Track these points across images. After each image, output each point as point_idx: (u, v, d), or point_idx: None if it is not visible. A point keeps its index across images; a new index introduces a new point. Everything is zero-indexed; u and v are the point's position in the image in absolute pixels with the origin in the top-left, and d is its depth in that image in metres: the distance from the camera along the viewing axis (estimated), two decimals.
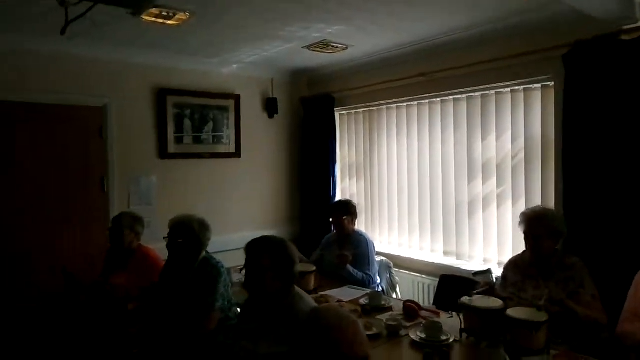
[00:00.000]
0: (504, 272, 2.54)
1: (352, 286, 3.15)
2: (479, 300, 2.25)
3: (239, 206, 4.47)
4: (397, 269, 3.75)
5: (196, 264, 2.55)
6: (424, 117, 3.86)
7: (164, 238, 2.57)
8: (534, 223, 2.30)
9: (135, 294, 2.80)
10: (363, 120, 4.46)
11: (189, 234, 2.50)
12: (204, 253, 2.60)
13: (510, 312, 2.06)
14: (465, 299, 2.27)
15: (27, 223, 3.44)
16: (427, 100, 3.80)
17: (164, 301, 2.58)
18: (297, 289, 2.02)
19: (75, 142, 3.63)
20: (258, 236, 2.03)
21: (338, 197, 4.59)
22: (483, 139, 3.46)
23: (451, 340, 2.17)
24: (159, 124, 4.01)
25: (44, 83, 3.45)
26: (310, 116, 4.78)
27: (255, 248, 1.93)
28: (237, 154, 4.49)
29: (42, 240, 3.49)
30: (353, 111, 4.54)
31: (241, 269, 2.00)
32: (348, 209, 3.35)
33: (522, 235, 3.22)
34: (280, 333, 1.86)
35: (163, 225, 3.06)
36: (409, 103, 3.95)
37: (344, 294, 2.97)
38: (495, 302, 2.22)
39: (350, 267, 3.18)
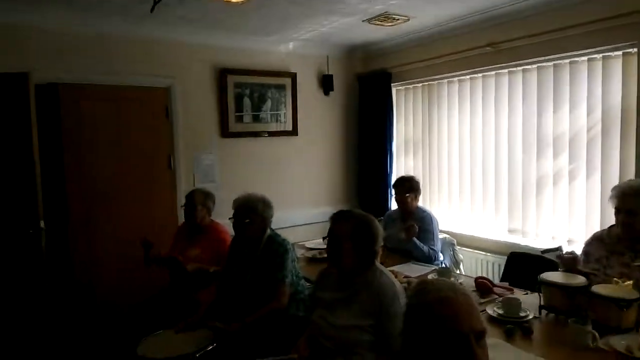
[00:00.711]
0: (585, 248, 2.45)
1: (417, 262, 3.15)
2: (560, 277, 2.20)
3: (296, 184, 4.52)
4: (459, 247, 3.70)
5: (262, 243, 2.60)
6: (489, 90, 3.72)
7: (230, 219, 2.63)
8: (629, 197, 2.18)
9: (207, 269, 2.91)
10: (422, 95, 4.36)
11: (253, 213, 2.55)
12: (268, 231, 2.64)
13: (596, 288, 1.99)
14: (546, 274, 2.21)
15: (99, 201, 3.63)
16: (493, 72, 3.66)
17: (234, 281, 2.66)
18: (377, 263, 2.03)
19: (143, 122, 3.77)
20: (341, 209, 2.06)
21: (395, 175, 4.55)
22: (554, 112, 3.31)
23: (530, 317, 2.13)
24: (221, 103, 4.10)
25: (114, 65, 3.59)
26: (366, 92, 4.73)
27: (340, 220, 1.95)
28: (293, 132, 4.52)
29: (115, 217, 3.68)
30: (411, 86, 4.44)
31: (324, 238, 2.03)
32: (412, 185, 3.31)
33: (596, 212, 3.15)
34: (362, 306, 1.89)
35: (226, 202, 3.14)
36: (473, 76, 3.82)
37: (410, 270, 2.96)
38: (576, 279, 2.16)
39: (416, 240, 3.16)
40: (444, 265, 3.35)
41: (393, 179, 4.53)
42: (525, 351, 1.83)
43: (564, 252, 2.40)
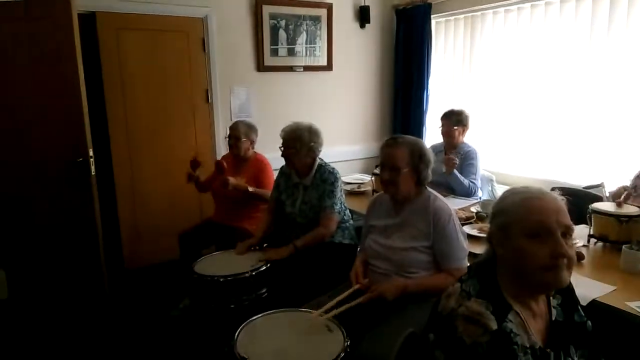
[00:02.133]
0: (634, 182, 2.43)
1: (457, 196, 3.17)
2: (611, 207, 2.20)
3: (330, 120, 4.47)
4: (498, 184, 3.68)
5: (312, 171, 2.64)
6: (538, 22, 3.54)
7: (280, 148, 2.65)
8: None
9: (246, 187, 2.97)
10: (463, 27, 4.18)
11: (299, 142, 2.56)
12: (318, 160, 2.67)
13: None
14: (597, 204, 2.22)
15: (140, 133, 3.68)
16: (542, 2, 3.46)
17: (284, 209, 2.72)
18: (429, 188, 2.05)
19: (180, 53, 3.73)
20: (392, 136, 2.05)
21: (431, 111, 4.48)
22: (606, 47, 3.14)
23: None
24: (256, 35, 4.01)
25: None
26: (404, 25, 4.55)
27: (395, 146, 1.95)
28: (328, 67, 4.44)
29: (155, 150, 3.75)
30: (452, 17, 4.26)
31: (376, 166, 2.04)
32: (460, 119, 3.27)
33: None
34: (417, 229, 1.94)
35: (261, 135, 3.24)
36: (520, 6, 3.62)
37: (451, 204, 2.97)
38: (628, 208, 2.16)
39: (457, 173, 3.17)
40: None
41: (429, 116, 4.52)
42: (580, 275, 1.87)
43: (606, 189, 2.39)
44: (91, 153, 3.06)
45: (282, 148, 2.61)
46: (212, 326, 2.61)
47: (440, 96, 4.50)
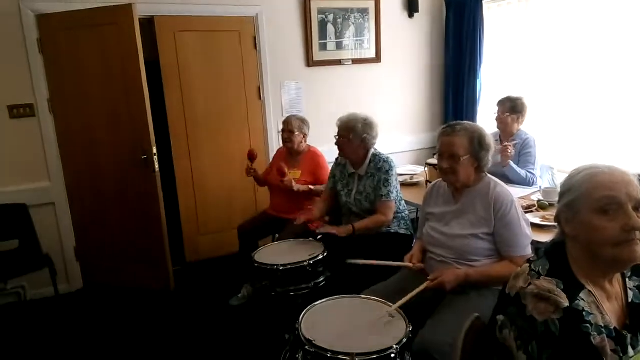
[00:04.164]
0: None
1: (514, 185, 3.07)
2: None
3: (380, 112, 4.41)
4: (560, 173, 3.53)
5: (367, 161, 2.65)
6: (598, 1, 3.35)
7: (335, 137, 2.69)
8: None
9: (306, 191, 3.05)
10: (518, 11, 4.02)
11: (353, 133, 2.58)
12: (372, 150, 2.68)
13: None
14: None
15: (197, 132, 3.83)
16: None
17: (338, 200, 2.75)
18: (489, 175, 2.01)
19: (234, 52, 3.84)
20: (450, 123, 2.02)
21: (483, 101, 4.36)
22: None
23: None
24: (305, 31, 4.06)
25: None
26: (454, 12, 4.46)
27: (454, 134, 1.92)
28: (377, 58, 4.42)
29: (212, 147, 3.89)
30: (505, 2, 4.11)
31: (434, 155, 2.02)
32: (515, 105, 3.16)
33: None
34: (477, 216, 1.91)
35: (312, 130, 3.28)
36: None
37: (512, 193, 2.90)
38: None
39: (513, 164, 3.07)
40: None
41: (482, 105, 4.40)
42: None
43: None
44: (155, 150, 3.24)
45: (337, 137, 2.65)
46: (272, 314, 2.70)
47: (493, 85, 4.36)
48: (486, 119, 4.09)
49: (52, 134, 3.34)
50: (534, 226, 2.21)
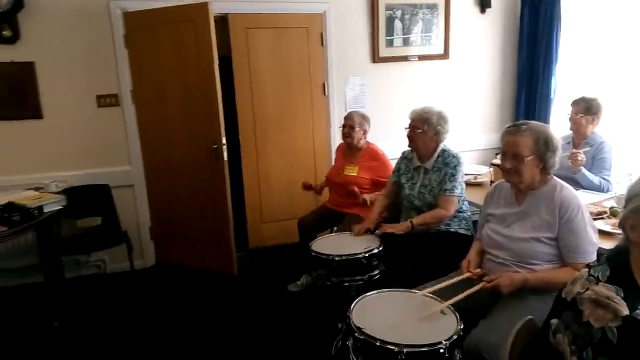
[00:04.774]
0: None
1: (587, 191, 2.91)
2: None
3: (446, 110, 4.35)
4: None
5: (435, 155, 2.64)
6: None
7: (405, 128, 2.69)
8: None
9: (367, 187, 3.08)
10: (599, 6, 3.77)
11: (427, 124, 2.57)
12: (442, 144, 2.66)
13: None
14: None
15: (264, 125, 3.99)
16: None
17: (403, 191, 2.76)
18: (555, 177, 1.94)
19: (301, 49, 3.95)
20: (515, 122, 1.98)
21: (557, 102, 4.15)
22: None
23: None
24: (372, 27, 4.08)
25: None
26: (530, 7, 4.26)
27: (518, 133, 1.87)
28: (444, 55, 4.34)
29: (277, 141, 4.04)
30: None
31: (497, 154, 1.99)
32: (589, 106, 2.99)
33: None
34: (540, 219, 1.85)
35: (374, 127, 3.30)
36: None
37: (581, 198, 2.75)
38: None
39: (585, 170, 2.91)
40: None
41: (555, 106, 4.19)
42: None
43: None
44: (224, 141, 3.42)
45: (409, 128, 2.65)
46: (327, 303, 2.78)
47: (569, 85, 4.13)
48: (560, 121, 3.88)
49: (133, 122, 3.64)
50: (603, 233, 2.11)
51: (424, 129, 2.56)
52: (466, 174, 3.51)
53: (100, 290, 3.50)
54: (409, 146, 2.69)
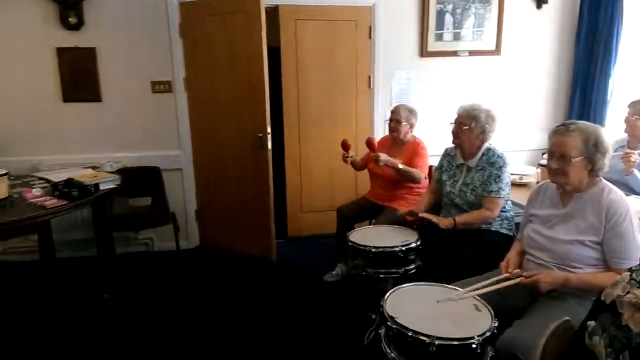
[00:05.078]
0: None
1: (639, 196, 2.78)
2: None
3: (495, 106, 4.23)
4: None
5: (480, 154, 2.59)
6: None
7: (450, 123, 2.66)
8: None
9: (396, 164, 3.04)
10: None
11: (475, 121, 2.52)
12: (487, 143, 2.61)
13: None
14: None
15: (308, 116, 4.04)
16: None
17: (444, 189, 2.74)
18: (603, 180, 1.88)
19: (349, 41, 3.97)
20: (564, 121, 1.92)
21: (614, 104, 3.97)
22: None
23: None
24: (422, 21, 4.03)
25: None
26: (590, 4, 4.07)
27: (566, 133, 1.82)
28: (496, 50, 4.23)
29: (320, 131, 4.08)
30: None
31: (543, 154, 1.94)
32: None
33: None
34: (585, 222, 1.80)
35: (420, 121, 3.26)
36: None
37: (632, 203, 2.63)
38: None
39: (637, 171, 2.78)
40: None
41: (612, 108, 4.00)
42: None
43: None
44: (269, 130, 3.51)
45: (454, 124, 2.61)
46: (361, 293, 2.82)
47: (627, 86, 3.93)
48: (616, 123, 3.71)
49: (184, 109, 3.80)
50: None
51: (471, 126, 2.52)
52: (512, 174, 3.42)
53: (147, 267, 3.69)
54: (453, 142, 2.65)
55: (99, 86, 3.64)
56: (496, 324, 1.58)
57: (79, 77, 3.60)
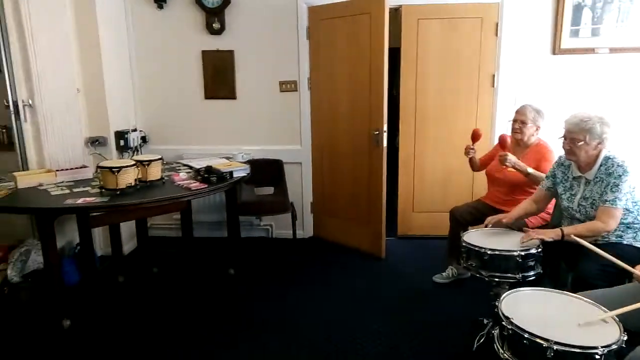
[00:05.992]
0: None
1: None
2: None
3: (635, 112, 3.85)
4: None
5: (596, 164, 2.39)
6: None
7: (560, 138, 2.49)
8: None
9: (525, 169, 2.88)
10: None
11: (590, 135, 2.31)
12: (605, 151, 2.39)
13: None
14: None
15: (425, 115, 4.04)
16: None
17: (561, 203, 2.58)
18: None
19: (473, 39, 3.88)
20: None
21: None
22: None
23: None
24: (556, 16, 3.78)
25: None
26: None
27: None
28: None
29: (436, 130, 4.06)
30: None
31: None
32: None
33: None
34: None
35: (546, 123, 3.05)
36: None
37: None
38: None
39: None
40: None
41: None
42: None
43: None
44: (385, 128, 3.60)
45: (565, 139, 2.45)
46: (473, 297, 2.77)
47: None
48: None
49: (307, 107, 4.07)
50: None
51: (586, 139, 2.31)
52: None
53: (266, 250, 4.03)
54: (567, 159, 2.47)
55: (235, 85, 4.06)
56: (625, 338, 1.48)
57: (218, 77, 4.06)
